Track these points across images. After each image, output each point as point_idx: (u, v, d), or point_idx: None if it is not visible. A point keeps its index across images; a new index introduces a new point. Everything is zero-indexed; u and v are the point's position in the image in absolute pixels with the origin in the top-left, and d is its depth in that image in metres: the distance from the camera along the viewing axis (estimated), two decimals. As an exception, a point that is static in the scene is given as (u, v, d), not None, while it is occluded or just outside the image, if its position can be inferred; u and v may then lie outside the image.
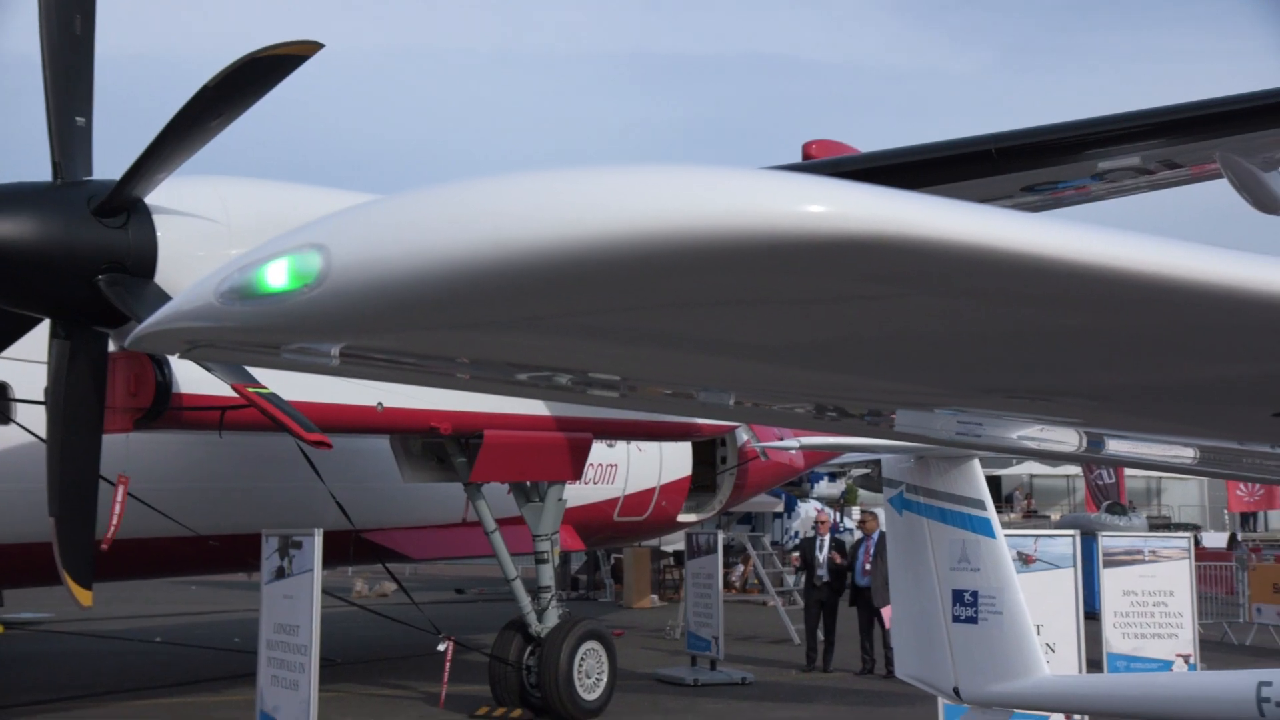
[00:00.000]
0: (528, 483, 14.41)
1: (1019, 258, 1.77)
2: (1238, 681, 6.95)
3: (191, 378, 10.69)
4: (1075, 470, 49.32)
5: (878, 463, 9.41)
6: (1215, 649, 19.99)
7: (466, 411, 12.95)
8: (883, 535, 13.78)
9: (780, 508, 33.93)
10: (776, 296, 1.93)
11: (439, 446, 13.89)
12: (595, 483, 17.98)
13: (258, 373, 9.97)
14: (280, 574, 10.64)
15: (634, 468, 18.88)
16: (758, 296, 1.92)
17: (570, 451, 14.19)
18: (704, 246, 1.65)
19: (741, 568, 29.62)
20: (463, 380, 2.99)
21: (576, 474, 14.57)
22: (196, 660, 17.41)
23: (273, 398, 9.90)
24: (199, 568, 15.88)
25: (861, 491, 41.72)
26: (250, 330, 2.06)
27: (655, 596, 28.74)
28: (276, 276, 1.88)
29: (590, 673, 14.02)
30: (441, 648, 13.63)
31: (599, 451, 16.46)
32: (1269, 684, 6.70)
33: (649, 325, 2.12)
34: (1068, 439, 4.32)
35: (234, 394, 10.03)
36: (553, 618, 14.15)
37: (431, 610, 16.61)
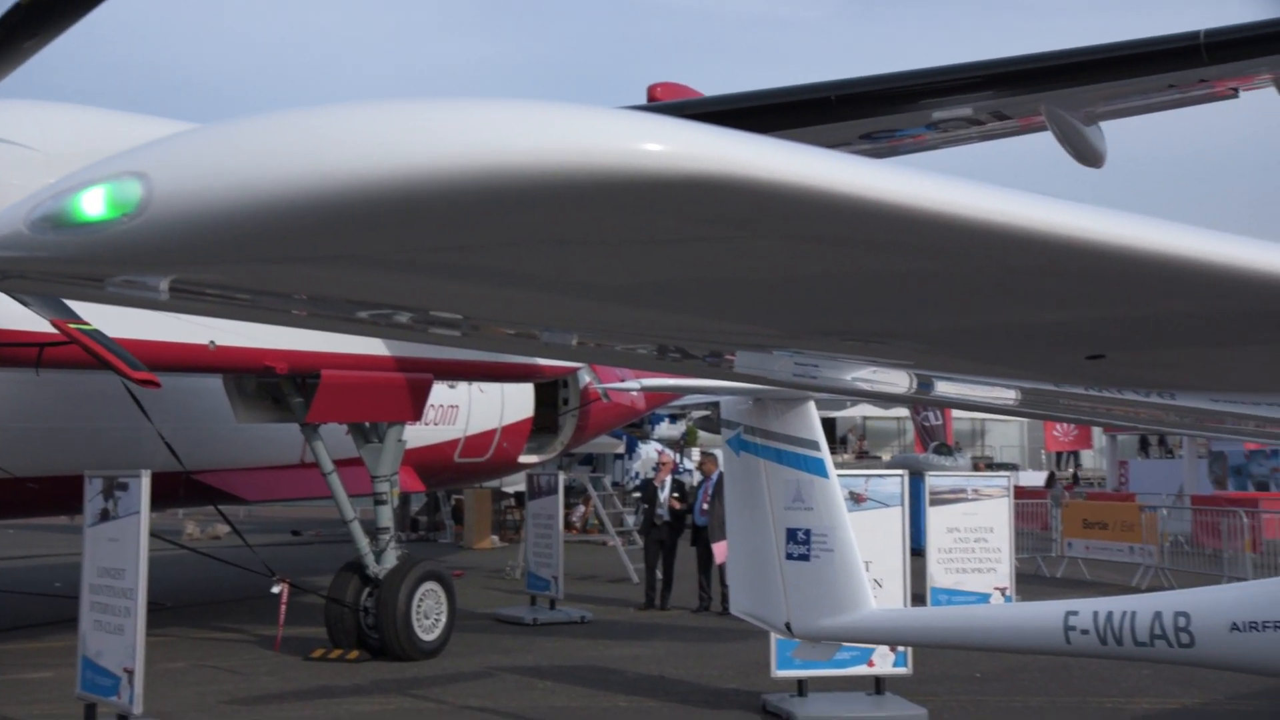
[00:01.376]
0: (366, 424, 14.21)
1: (852, 201, 1.80)
2: (1048, 612, 7.33)
3: (7, 313, 10.19)
4: (906, 413, 51.00)
5: (717, 405, 9.56)
6: (1030, 581, 21.03)
7: (303, 351, 12.66)
8: (721, 476, 14.02)
9: (621, 449, 34.24)
10: (615, 236, 1.93)
11: (274, 386, 13.57)
12: (436, 424, 17.83)
13: (83, 308, 9.55)
14: (104, 516, 10.27)
15: (475, 409, 18.78)
16: (596, 236, 1.91)
17: (410, 392, 14.03)
18: (540, 183, 1.63)
19: (582, 508, 29.85)
20: (299, 318, 2.91)
21: (416, 415, 14.42)
22: (15, 606, 16.76)
23: (96, 334, 9.51)
24: (17, 510, 15.23)
25: (701, 433, 42.36)
26: (64, 261, 1.96)
27: (496, 537, 28.76)
28: (93, 205, 1.79)
29: (429, 613, 13.99)
30: (276, 590, 13.41)
31: (440, 392, 16.31)
32: (1075, 613, 7.09)
33: (488, 263, 2.10)
34: (898, 381, 4.46)
35: (54, 330, 9.60)
36: (391, 559, 14.05)
37: (267, 553, 16.30)
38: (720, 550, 15.89)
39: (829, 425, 60.27)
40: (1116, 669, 12.59)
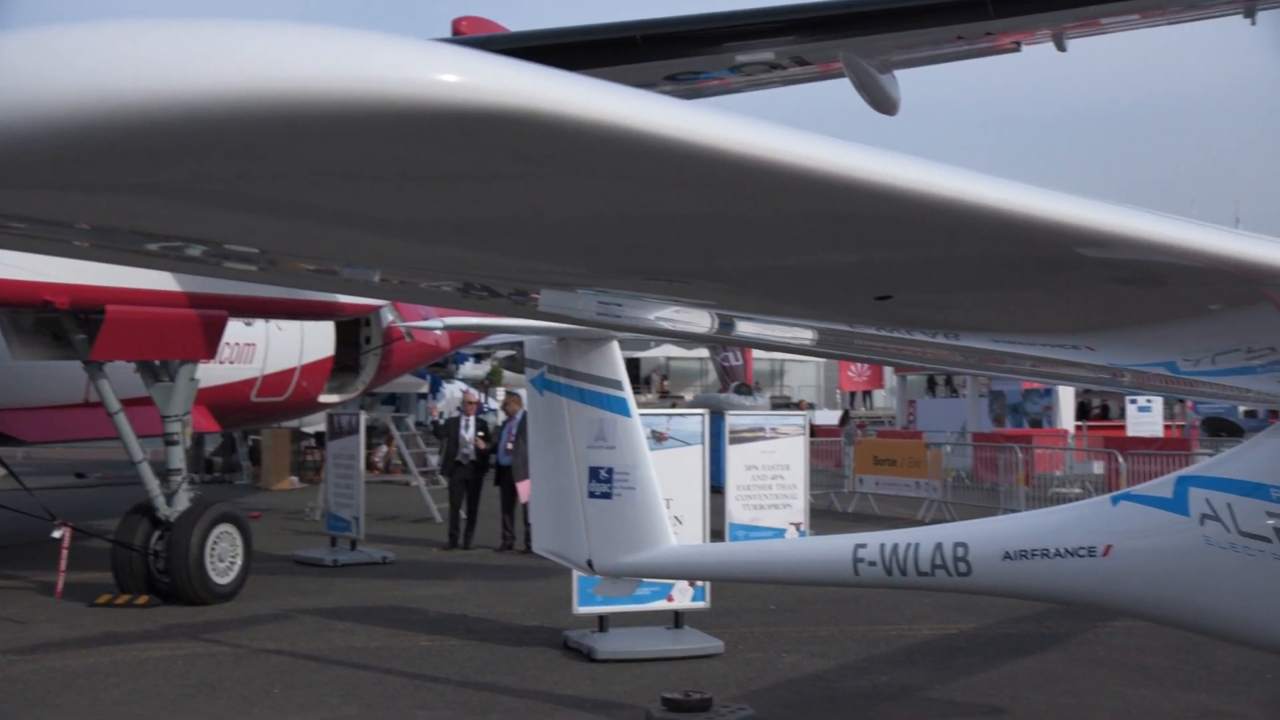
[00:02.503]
0: (156, 361, 13.65)
1: (651, 139, 1.81)
2: (838, 545, 7.64)
3: None
4: (708, 353, 52.04)
5: (522, 344, 9.54)
6: (823, 517, 21.85)
7: (86, 284, 12.04)
8: (525, 415, 14.05)
9: (425, 389, 33.89)
10: (412, 170, 1.89)
11: (54, 321, 12.88)
12: (231, 362, 17.26)
13: None
14: None
15: (273, 347, 18.25)
16: (393, 170, 1.87)
17: (203, 329, 13.53)
18: (330, 113, 1.56)
19: (385, 449, 29.48)
20: (81, 249, 2.77)
21: (210, 353, 13.93)
22: None
23: None
24: None
25: (506, 373, 42.25)
26: None
27: (295, 478, 28.15)
28: None
29: (223, 556, 13.63)
30: (57, 534, 12.83)
31: (235, 330, 15.78)
32: (863, 546, 7.41)
33: (282, 195, 2.03)
34: (700, 321, 4.54)
35: None
36: (183, 501, 13.60)
37: (48, 496, 15.56)
38: (524, 489, 15.95)
39: (633, 365, 60.96)
40: (901, 598, 13.23)
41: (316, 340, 19.03)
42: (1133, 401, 33.41)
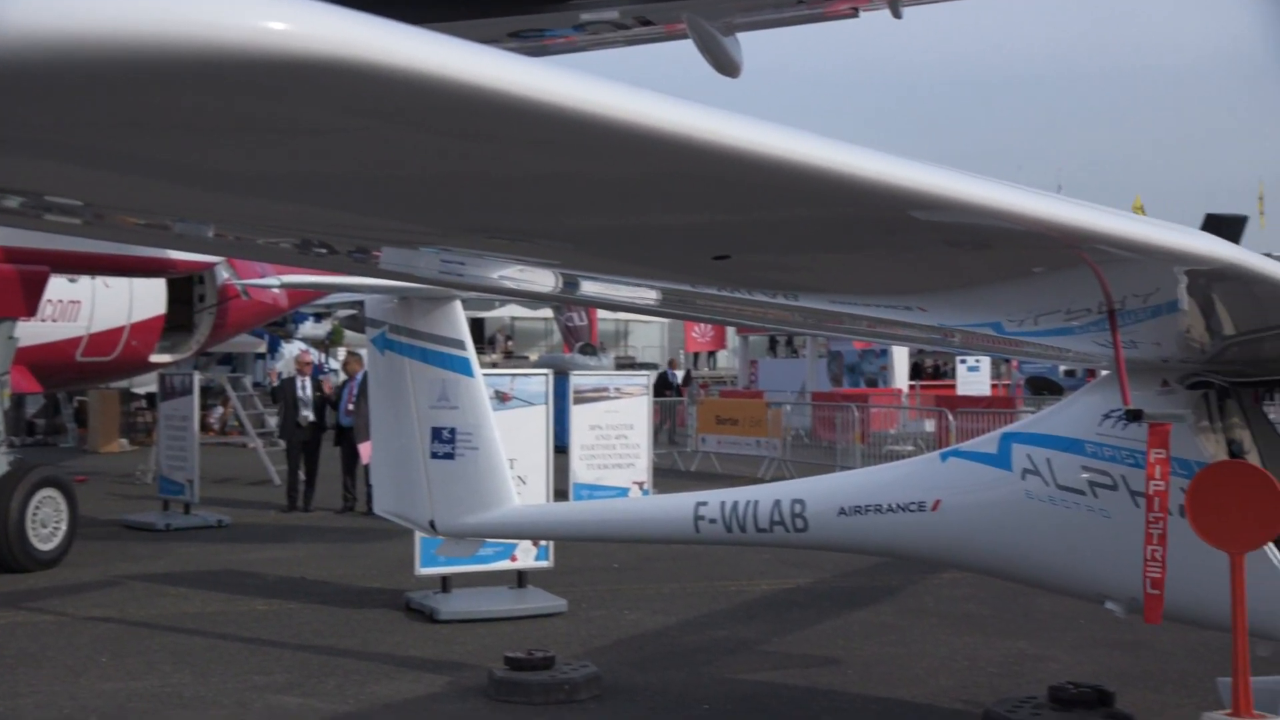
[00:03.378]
0: (-30, 319, 12.97)
1: (488, 93, 1.79)
2: (680, 503, 7.76)
3: None
4: (552, 313, 51.88)
5: (363, 303, 9.36)
6: (666, 475, 22.11)
7: (-107, 237, 11.36)
8: (366, 376, 13.83)
9: (263, 348, 33.01)
10: (241, 121, 1.83)
11: None
12: (54, 320, 16.50)
13: None
14: None
15: (100, 305, 17.50)
16: (221, 121, 1.80)
17: (22, 285, 12.90)
18: (151, 59, 1.49)
19: (220, 409, 28.67)
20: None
21: (30, 310, 13.30)
22: None
23: None
24: None
25: (348, 333, 41.41)
26: None
27: (125, 441, 27.16)
28: None
29: (46, 522, 13.09)
30: None
31: (58, 286, 15.09)
32: (704, 504, 7.54)
33: (103, 145, 1.95)
34: (544, 280, 4.53)
35: None
36: (2, 465, 13.00)
37: None
38: (366, 451, 15.72)
39: (476, 325, 60.38)
40: (741, 554, 13.51)
41: (147, 298, 18.32)
42: (962, 361, 34.61)
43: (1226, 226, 6.50)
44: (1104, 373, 6.35)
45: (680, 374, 40.66)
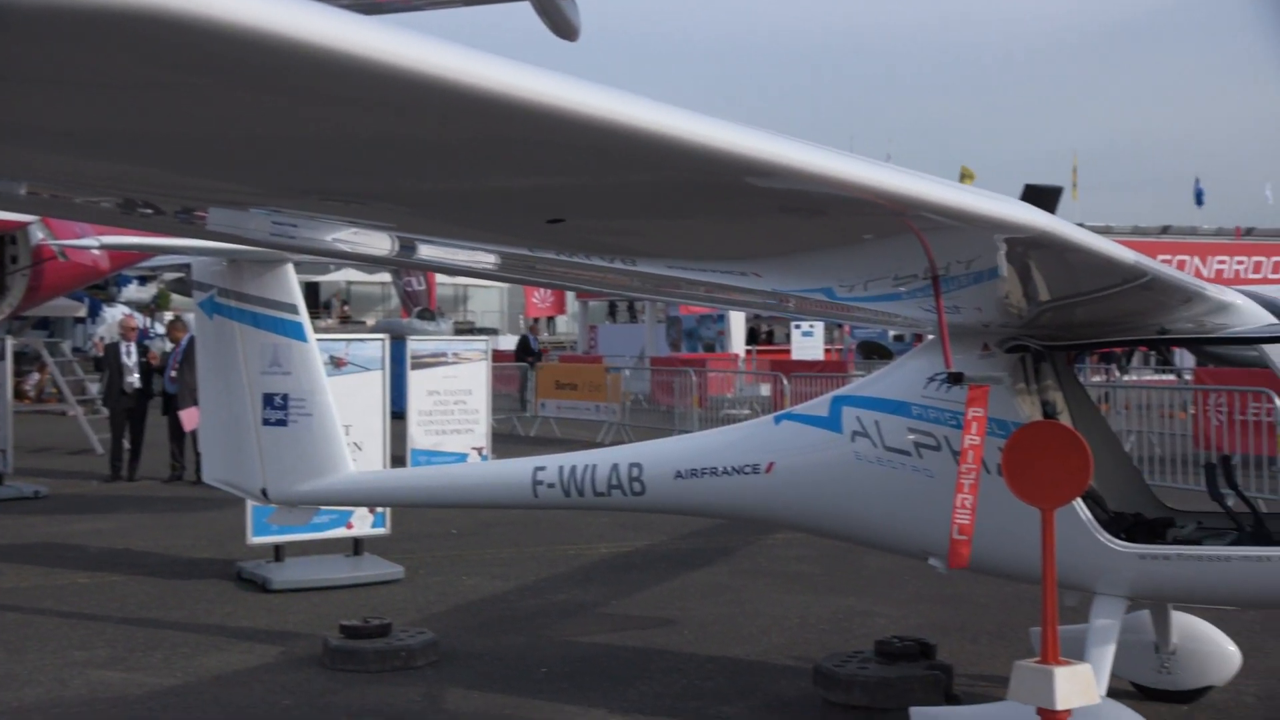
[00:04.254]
0: None
1: (320, 53, 1.75)
2: (518, 468, 7.76)
3: None
4: (390, 278, 51.08)
5: (190, 266, 9.05)
6: (506, 441, 22.07)
7: None
8: (193, 340, 13.39)
9: (82, 312, 31.64)
10: (58, 74, 1.75)
11: None
12: None
13: None
14: None
15: (-99, 265, 16.54)
16: (32, 70, 1.72)
17: None
18: None
19: (37, 376, 27.41)
20: None
21: None
22: None
23: None
24: None
25: (175, 296, 40.01)
26: None
27: (-69, 410, 25.75)
28: None
29: None
30: None
31: None
32: (543, 469, 7.55)
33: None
34: (380, 243, 4.46)
35: None
36: None
37: None
38: (189, 417, 15.25)
39: (310, 289, 59.03)
40: (579, 518, 13.58)
41: (-47, 259, 17.39)
42: (797, 327, 35.39)
43: (1043, 197, 6.79)
44: (929, 337, 6.58)
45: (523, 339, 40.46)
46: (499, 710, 7.07)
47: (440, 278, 42.52)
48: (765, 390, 25.84)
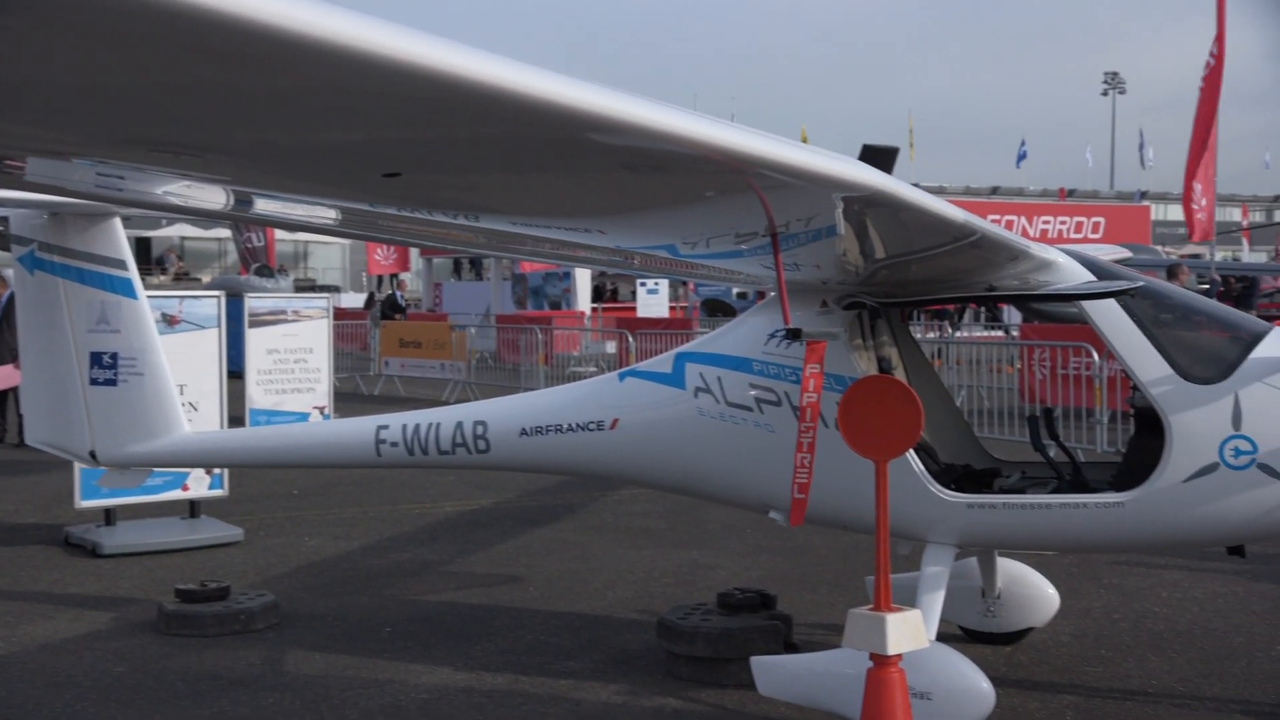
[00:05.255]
0: None
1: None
2: (360, 427, 7.64)
3: None
4: (228, 233, 49.50)
5: (6, 219, 8.61)
6: (349, 400, 21.69)
7: None
8: (12, 297, 12.76)
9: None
10: None
11: None
12: None
13: None
14: None
15: None
16: None
17: None
18: None
19: None
20: None
21: None
22: None
23: None
24: None
25: (-8, 250, 38.03)
26: None
27: None
28: None
29: None
30: None
31: None
32: (385, 427, 7.46)
33: None
34: (214, 197, 4.32)
35: None
36: None
37: None
38: (5, 376, 14.56)
39: (141, 245, 56.82)
40: (424, 477, 13.48)
41: None
42: (642, 284, 35.58)
43: (881, 157, 6.94)
44: (771, 294, 6.69)
45: (363, 296, 39.81)
46: (342, 671, 7.00)
47: (280, 233, 41.42)
48: (611, 348, 25.94)
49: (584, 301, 36.47)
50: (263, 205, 4.53)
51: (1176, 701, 6.35)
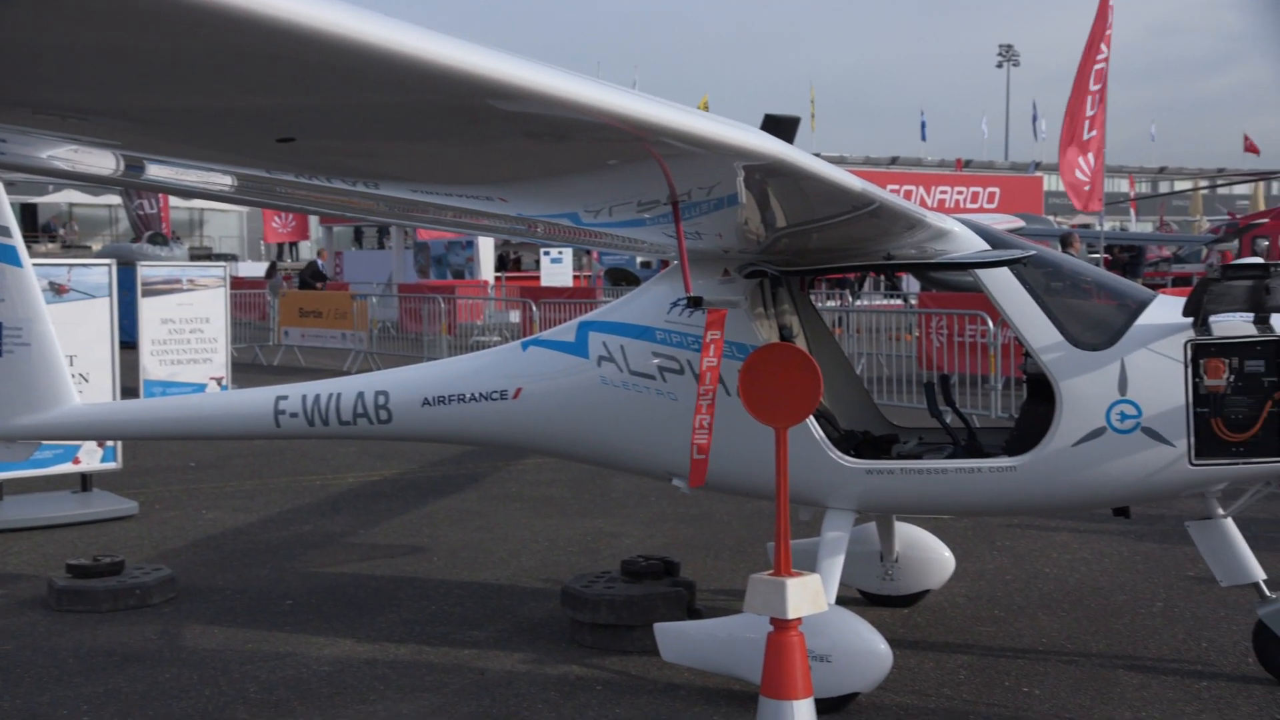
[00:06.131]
0: None
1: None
2: (258, 398, 7.52)
3: None
4: (119, 200, 48.17)
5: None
6: (248, 370, 21.33)
7: None
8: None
9: None
10: None
11: None
12: None
13: None
14: None
15: None
16: None
17: None
18: None
19: None
20: None
21: None
22: None
23: None
24: None
25: None
26: None
27: None
28: None
29: None
30: None
31: None
32: (285, 398, 7.35)
33: None
34: (104, 162, 4.20)
35: None
36: None
37: None
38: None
39: (27, 211, 55.04)
40: (326, 448, 13.32)
41: None
42: (546, 253, 35.47)
43: (782, 126, 6.99)
44: (674, 263, 6.72)
45: (263, 265, 39.08)
46: (242, 645, 6.90)
47: (174, 200, 40.44)
48: (515, 317, 25.83)
49: (487, 270, 36.25)
50: (155, 171, 4.42)
51: (1065, 658, 6.56)
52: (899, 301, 23.54)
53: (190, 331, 12.29)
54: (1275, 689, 6.03)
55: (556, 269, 35.19)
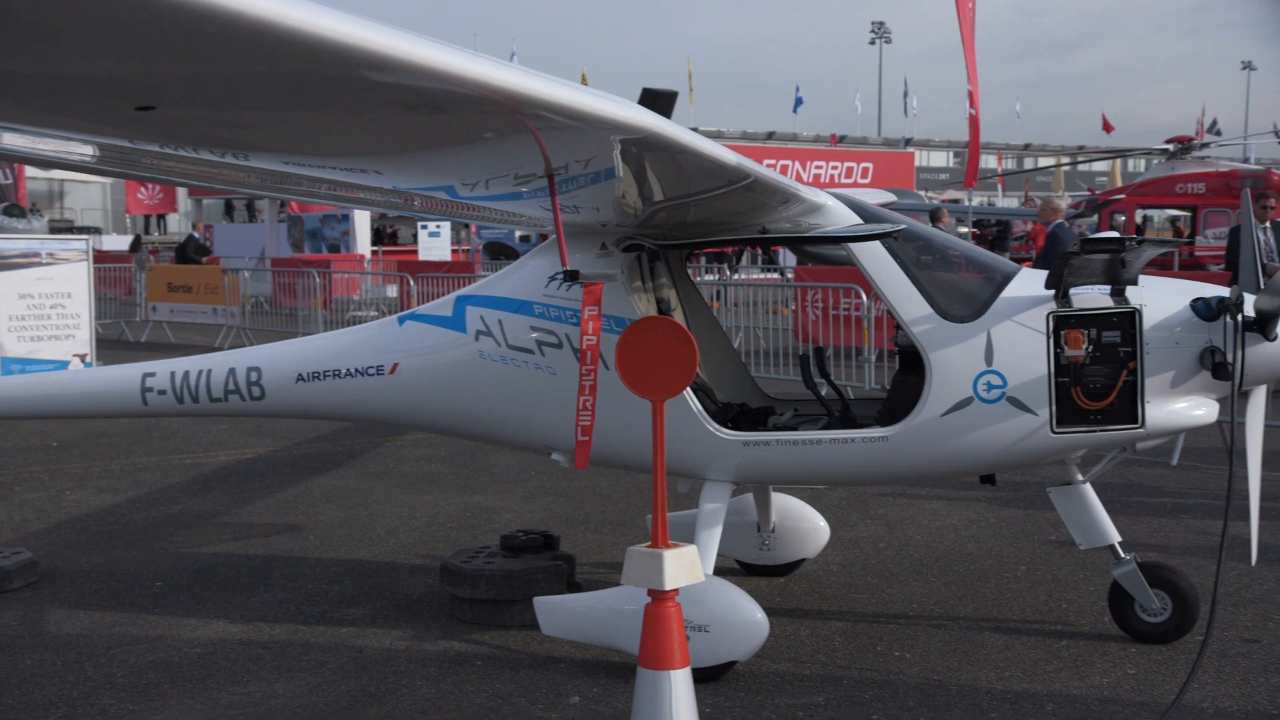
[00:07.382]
0: None
1: None
2: (124, 375, 7.30)
3: None
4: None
5: None
6: (114, 347, 20.69)
7: None
8: None
9: None
10: None
11: None
12: None
13: None
14: None
15: None
16: None
17: None
18: None
19: None
20: None
21: None
22: None
23: None
24: None
25: None
26: None
27: None
28: None
29: None
30: None
31: None
32: (152, 375, 7.16)
33: None
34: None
35: None
36: None
37: None
38: None
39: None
40: (197, 425, 13.00)
41: None
42: (424, 227, 35.06)
43: (660, 100, 6.98)
44: (552, 237, 6.69)
45: (128, 239, 37.88)
46: (109, 629, 6.72)
47: (32, 170, 38.92)
48: (392, 291, 25.50)
49: (364, 244, 35.70)
50: (8, 139, 4.24)
51: (934, 622, 6.75)
52: (776, 275, 23.85)
53: (51, 307, 11.92)
54: (1128, 645, 6.30)
55: (434, 243, 34.83)
